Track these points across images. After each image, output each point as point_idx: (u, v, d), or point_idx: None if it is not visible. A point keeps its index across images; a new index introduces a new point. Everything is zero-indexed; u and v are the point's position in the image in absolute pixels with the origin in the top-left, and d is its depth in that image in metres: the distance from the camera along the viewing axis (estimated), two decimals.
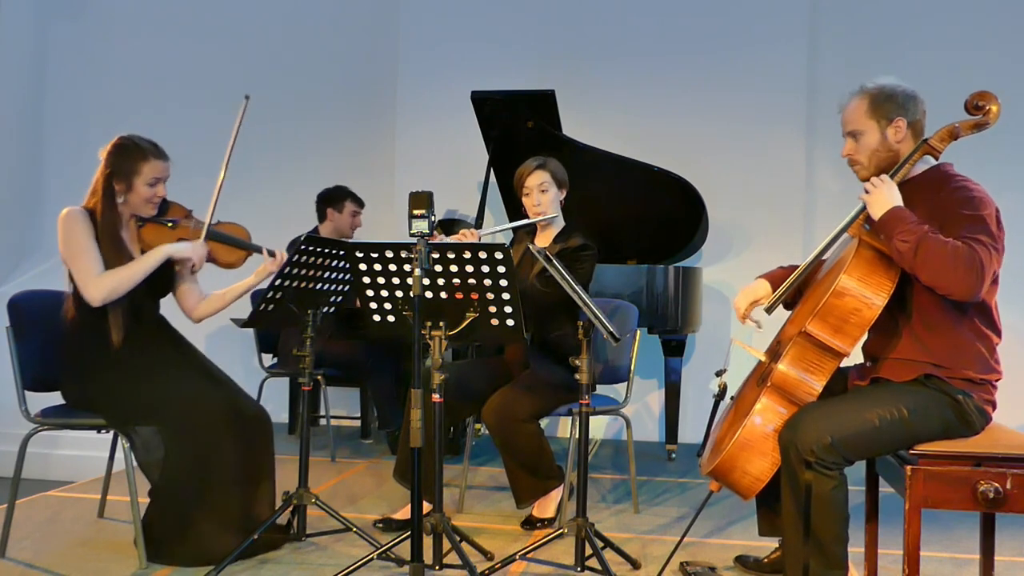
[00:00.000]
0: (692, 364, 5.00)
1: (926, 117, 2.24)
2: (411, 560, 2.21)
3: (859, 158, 2.26)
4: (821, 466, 2.06)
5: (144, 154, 2.68)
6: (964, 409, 2.10)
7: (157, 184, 2.70)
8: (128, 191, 2.68)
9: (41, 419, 2.66)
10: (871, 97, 2.22)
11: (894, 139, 2.21)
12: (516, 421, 2.97)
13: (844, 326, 2.11)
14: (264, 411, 2.79)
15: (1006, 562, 2.77)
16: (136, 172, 2.66)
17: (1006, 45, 4.86)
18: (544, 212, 3.14)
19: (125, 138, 2.71)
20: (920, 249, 2.01)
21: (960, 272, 1.98)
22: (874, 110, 2.21)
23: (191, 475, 2.57)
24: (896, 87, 2.22)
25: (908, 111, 2.20)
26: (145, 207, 2.72)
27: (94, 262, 2.60)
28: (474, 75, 4.91)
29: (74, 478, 3.84)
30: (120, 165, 2.66)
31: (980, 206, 2.08)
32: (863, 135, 2.23)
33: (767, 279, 2.50)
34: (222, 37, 5.72)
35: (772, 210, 4.97)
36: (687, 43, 5.12)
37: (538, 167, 3.15)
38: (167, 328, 2.85)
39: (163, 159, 2.71)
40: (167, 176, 2.73)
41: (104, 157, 2.68)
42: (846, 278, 2.10)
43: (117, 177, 2.66)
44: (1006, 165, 4.63)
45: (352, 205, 4.62)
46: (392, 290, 2.42)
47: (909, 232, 2.03)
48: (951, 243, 2.01)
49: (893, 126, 2.20)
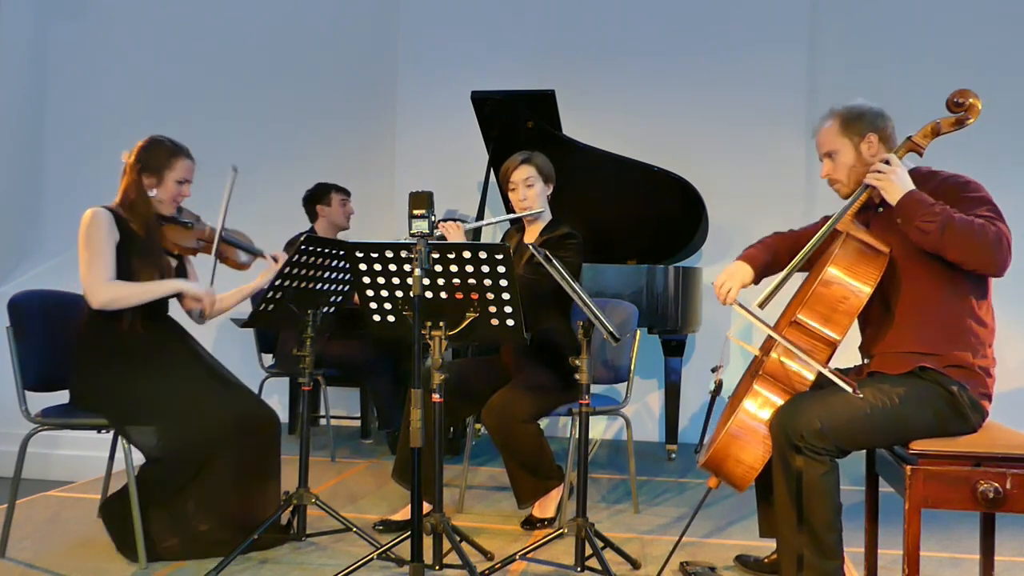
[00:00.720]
0: (692, 364, 5.00)
1: (895, 131, 2.33)
2: (411, 560, 2.21)
3: (838, 176, 2.36)
4: (811, 451, 2.08)
5: (178, 151, 2.77)
6: (958, 401, 2.12)
7: (184, 184, 2.78)
8: (158, 185, 2.74)
9: (41, 419, 2.66)
10: (841, 117, 2.34)
11: (868, 154, 2.31)
12: (516, 422, 2.97)
13: (833, 315, 2.18)
14: (273, 413, 2.80)
15: (1006, 562, 2.77)
16: (168, 167, 2.74)
17: (1006, 45, 4.86)
18: (530, 207, 3.14)
19: (158, 136, 2.79)
20: (947, 229, 2.07)
21: (988, 247, 2.06)
22: (845, 129, 2.33)
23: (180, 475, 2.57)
24: (863, 105, 2.34)
25: (877, 126, 2.31)
26: (169, 205, 2.78)
27: (105, 267, 2.63)
28: (474, 75, 4.91)
29: (74, 478, 3.84)
30: (151, 160, 2.73)
31: (979, 189, 2.19)
32: (838, 154, 2.34)
33: (747, 262, 2.51)
34: (222, 37, 5.72)
35: (772, 210, 4.96)
36: (687, 43, 5.12)
37: (523, 161, 3.15)
38: (178, 329, 2.87)
39: (193, 160, 2.80)
40: (193, 179, 2.81)
41: (134, 153, 2.74)
42: (832, 268, 2.17)
43: (147, 172, 2.73)
44: (1007, 165, 4.63)
45: (338, 195, 4.62)
46: (392, 290, 2.42)
47: (931, 214, 2.10)
48: (975, 221, 2.08)
49: (866, 141, 2.31)
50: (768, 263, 2.53)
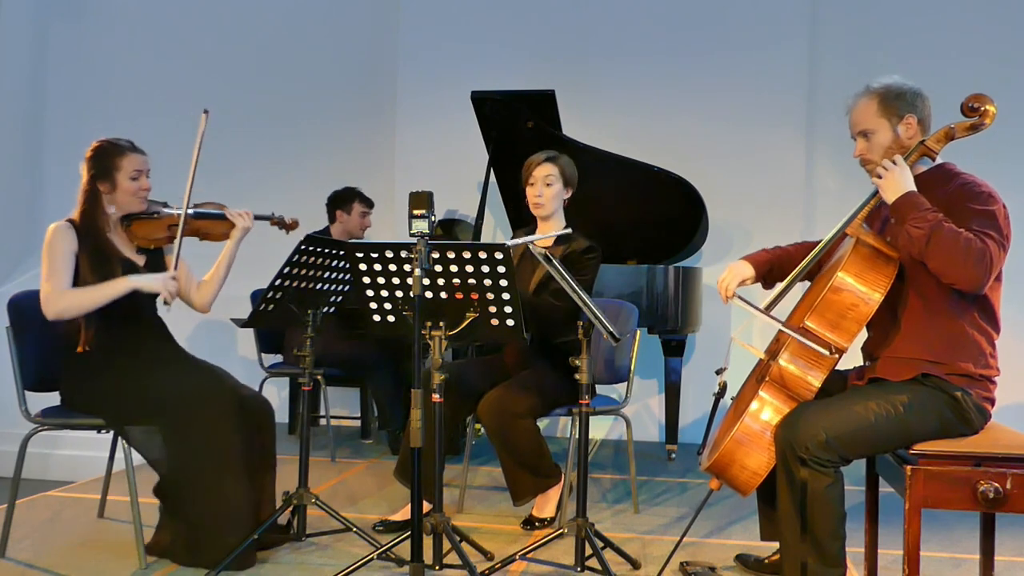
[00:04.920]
0: (692, 364, 5.00)
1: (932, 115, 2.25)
2: (411, 560, 2.21)
3: (872, 157, 2.26)
4: (816, 463, 2.06)
5: (121, 150, 2.74)
6: (963, 407, 2.11)
7: (140, 177, 2.74)
8: (113, 190, 2.72)
9: (41, 419, 2.66)
10: (880, 96, 2.24)
11: (906, 136, 2.22)
12: (512, 417, 2.95)
13: (842, 321, 2.14)
14: (265, 400, 2.79)
15: (1006, 562, 2.77)
16: (116, 168, 2.71)
17: (1007, 46, 4.85)
18: (543, 205, 3.13)
19: (100, 141, 2.77)
20: (933, 237, 2.02)
21: (970, 264, 2.00)
22: (884, 109, 2.23)
23: (197, 473, 2.55)
24: (903, 85, 2.24)
25: (917, 108, 2.22)
26: (133, 202, 2.75)
27: (61, 280, 2.61)
28: (474, 75, 4.91)
29: (74, 478, 3.85)
30: (100, 166, 2.71)
31: (989, 201, 2.10)
32: (875, 134, 2.25)
33: (750, 261, 2.50)
34: (222, 37, 5.71)
35: (772, 210, 4.97)
36: (687, 43, 5.12)
37: (547, 159, 3.14)
38: (163, 328, 2.86)
39: (140, 153, 2.77)
40: (147, 168, 2.77)
41: (84, 165, 2.74)
42: (843, 274, 2.13)
43: (100, 179, 2.71)
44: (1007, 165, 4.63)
45: (361, 206, 4.64)
46: (392, 290, 2.42)
47: (923, 219, 2.05)
48: (964, 234, 2.02)
49: (904, 123, 2.22)
50: (772, 264, 2.51)
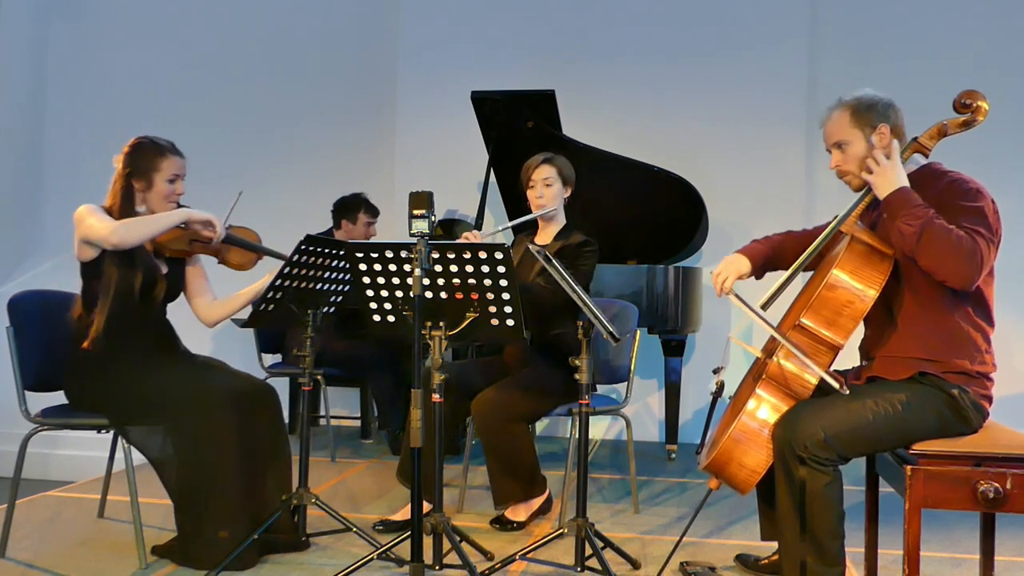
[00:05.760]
0: (692, 364, 5.00)
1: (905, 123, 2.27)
2: (411, 560, 2.21)
3: (848, 168, 2.30)
4: (815, 462, 2.07)
5: (162, 151, 2.73)
6: (960, 404, 2.11)
7: (176, 181, 2.75)
8: (148, 188, 2.72)
9: (41, 419, 2.66)
10: (852, 108, 2.27)
11: (879, 145, 2.24)
12: (504, 421, 2.94)
13: (838, 319, 2.15)
14: (268, 385, 2.79)
15: (1006, 562, 2.76)
16: (156, 169, 2.71)
17: (1006, 45, 4.86)
18: (545, 206, 3.15)
19: (142, 138, 2.76)
20: (924, 234, 2.03)
21: (961, 261, 2.02)
22: (856, 119, 2.26)
23: (208, 469, 2.55)
24: (874, 96, 2.28)
25: (889, 118, 2.25)
26: (165, 205, 2.74)
27: (111, 219, 2.61)
28: (474, 75, 4.91)
29: (74, 478, 3.85)
30: (139, 163, 2.71)
31: (978, 197, 2.11)
32: (849, 145, 2.28)
33: (746, 255, 2.49)
34: (222, 37, 5.71)
35: (772, 210, 4.96)
36: (687, 43, 5.12)
37: (545, 161, 3.17)
38: (169, 328, 2.85)
39: (181, 156, 2.77)
40: (185, 173, 2.77)
41: (121, 159, 2.72)
42: (838, 271, 2.14)
43: (136, 175, 2.71)
44: (1006, 165, 4.63)
45: (365, 216, 4.63)
46: (392, 290, 2.42)
47: (914, 216, 2.06)
48: (955, 231, 2.03)
49: (877, 133, 2.24)
50: (769, 258, 2.51)
